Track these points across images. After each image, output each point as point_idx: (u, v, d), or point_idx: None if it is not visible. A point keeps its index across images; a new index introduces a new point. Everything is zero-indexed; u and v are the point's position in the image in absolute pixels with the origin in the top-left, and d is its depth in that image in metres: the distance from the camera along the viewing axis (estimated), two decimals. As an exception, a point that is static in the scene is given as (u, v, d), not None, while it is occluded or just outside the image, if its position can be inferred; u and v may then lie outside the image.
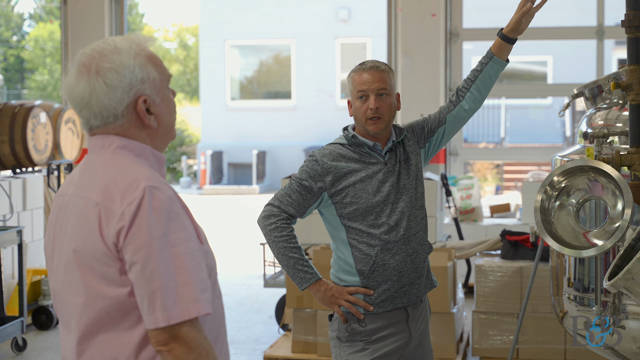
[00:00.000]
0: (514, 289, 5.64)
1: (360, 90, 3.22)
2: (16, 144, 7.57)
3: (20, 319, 6.23)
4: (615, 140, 3.86)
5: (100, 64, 2.04)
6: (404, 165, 3.28)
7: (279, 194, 3.26)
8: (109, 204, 1.98)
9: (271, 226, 3.21)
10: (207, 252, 2.08)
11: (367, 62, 3.27)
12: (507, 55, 3.35)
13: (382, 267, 3.20)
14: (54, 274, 2.13)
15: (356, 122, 3.29)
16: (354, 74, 3.26)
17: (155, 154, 2.13)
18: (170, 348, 1.93)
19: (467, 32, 9.19)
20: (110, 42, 2.08)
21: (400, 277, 3.22)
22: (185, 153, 24.58)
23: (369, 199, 3.19)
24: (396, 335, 3.23)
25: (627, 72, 3.52)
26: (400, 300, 3.24)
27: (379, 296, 3.21)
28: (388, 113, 3.23)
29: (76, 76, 2.06)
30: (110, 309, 1.99)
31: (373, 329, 3.22)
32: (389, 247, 3.20)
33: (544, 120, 19.74)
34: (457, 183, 8.46)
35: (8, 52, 30.82)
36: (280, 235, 3.20)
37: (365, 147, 3.26)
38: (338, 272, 3.29)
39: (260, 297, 8.15)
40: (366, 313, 3.21)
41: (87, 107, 2.06)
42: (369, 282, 3.21)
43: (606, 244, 3.10)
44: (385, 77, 3.22)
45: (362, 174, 3.21)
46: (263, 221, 3.25)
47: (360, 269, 3.20)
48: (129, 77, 2.05)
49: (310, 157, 3.27)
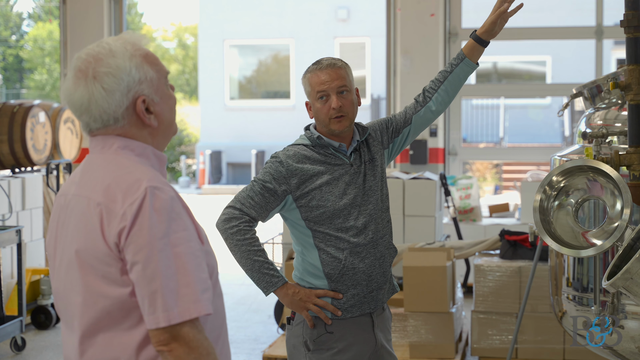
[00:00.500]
0: (512, 288, 5.64)
1: (320, 91, 3.10)
2: (15, 143, 7.56)
3: (19, 319, 6.23)
4: (614, 140, 3.86)
5: (96, 68, 2.04)
6: (369, 165, 3.20)
7: (240, 196, 3.11)
8: (111, 203, 1.98)
9: (233, 229, 3.07)
10: (208, 252, 2.08)
11: (322, 60, 3.14)
12: (479, 57, 3.29)
13: (352, 270, 3.10)
14: (56, 274, 2.13)
15: (318, 123, 3.17)
16: (310, 75, 3.14)
17: (157, 154, 2.13)
18: (171, 348, 1.93)
19: (466, 32, 9.18)
20: (104, 46, 2.07)
21: (370, 282, 3.13)
22: (184, 153, 24.58)
23: (336, 202, 3.08)
24: (363, 343, 3.13)
25: (625, 72, 3.52)
26: (368, 306, 3.14)
27: (347, 301, 3.11)
28: (351, 110, 3.13)
29: (73, 82, 2.06)
30: (111, 308, 1.99)
31: (340, 336, 3.11)
32: (358, 251, 3.11)
33: (543, 120, 19.74)
34: (456, 183, 8.47)
35: (7, 51, 30.81)
36: (243, 238, 3.07)
37: (330, 148, 3.15)
38: (304, 274, 3.17)
39: (259, 296, 8.15)
40: (334, 318, 3.11)
41: (87, 112, 2.06)
42: (337, 286, 3.10)
43: (605, 244, 3.10)
44: (343, 73, 3.12)
45: (327, 176, 3.11)
46: (223, 224, 3.10)
47: (328, 272, 3.10)
48: (127, 80, 2.05)
49: (273, 159, 3.14)
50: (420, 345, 5.52)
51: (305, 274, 3.16)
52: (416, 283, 5.48)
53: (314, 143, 3.16)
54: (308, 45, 20.98)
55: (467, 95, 10.04)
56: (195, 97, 28.18)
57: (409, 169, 8.77)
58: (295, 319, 3.17)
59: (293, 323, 3.17)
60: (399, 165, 8.91)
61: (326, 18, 20.98)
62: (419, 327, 5.52)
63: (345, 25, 21.00)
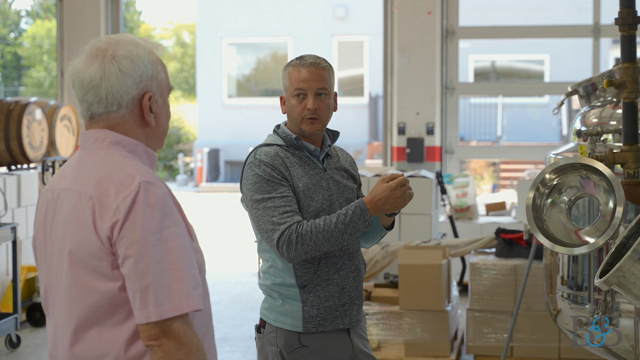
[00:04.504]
0: (508, 287, 5.64)
1: (298, 88, 2.94)
2: (11, 140, 7.56)
3: (14, 316, 6.23)
4: (608, 138, 3.86)
5: (117, 50, 2.07)
6: (344, 173, 3.07)
7: (267, 225, 2.83)
8: (103, 197, 1.99)
9: (299, 242, 2.80)
10: (197, 249, 2.09)
11: (306, 57, 2.99)
12: (390, 223, 3.07)
13: (326, 281, 2.94)
14: (45, 268, 2.13)
15: (290, 120, 3.01)
16: (291, 69, 2.97)
17: (148, 152, 2.14)
18: (160, 343, 1.93)
19: (463, 30, 9.19)
20: (128, 35, 2.13)
21: (342, 295, 2.97)
22: (182, 151, 24.56)
23: (317, 207, 2.93)
24: (339, 352, 2.99)
25: (620, 70, 3.52)
26: (342, 321, 2.97)
27: (319, 314, 2.93)
28: (325, 114, 2.98)
29: (88, 60, 2.07)
30: (100, 303, 1.99)
31: (316, 348, 2.96)
32: (334, 261, 2.95)
33: (540, 119, 19.74)
34: (453, 181, 8.46)
35: (5, 49, 30.78)
36: (311, 232, 2.82)
37: (305, 151, 3.00)
38: (274, 283, 2.97)
39: (256, 294, 8.15)
40: (307, 332, 2.93)
41: (94, 91, 2.06)
42: (309, 297, 2.92)
43: (598, 242, 3.10)
44: (325, 75, 2.96)
45: (305, 180, 2.94)
46: (288, 251, 2.81)
47: (301, 283, 2.92)
48: (142, 69, 2.08)
49: (257, 166, 2.90)
50: (416, 343, 5.52)
51: (276, 283, 2.97)
52: (412, 281, 5.47)
53: (288, 144, 3.00)
54: (306, 43, 20.96)
55: (464, 94, 10.03)
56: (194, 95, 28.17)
57: (405, 167, 8.77)
58: (267, 328, 2.99)
59: (264, 331, 3.00)
60: (396, 163, 8.91)
61: (324, 16, 20.97)
62: (415, 325, 5.52)
63: (343, 23, 20.99)
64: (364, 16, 20.60)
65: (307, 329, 2.94)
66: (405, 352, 5.53)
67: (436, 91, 8.86)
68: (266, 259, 3.02)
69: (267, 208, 2.85)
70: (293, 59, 3.01)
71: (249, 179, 2.92)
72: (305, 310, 2.94)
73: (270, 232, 2.84)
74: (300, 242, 2.81)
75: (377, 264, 5.93)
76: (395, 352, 5.52)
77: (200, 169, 21.07)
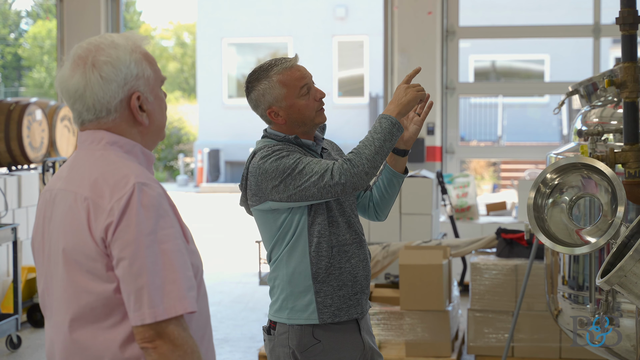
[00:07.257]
0: (509, 287, 5.64)
1: (304, 85, 2.94)
2: (11, 141, 7.56)
3: (15, 317, 6.22)
4: (609, 138, 3.85)
5: (96, 57, 2.04)
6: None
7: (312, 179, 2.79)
8: (98, 198, 1.98)
9: (352, 165, 2.78)
10: (193, 251, 2.08)
11: (284, 59, 2.97)
12: (404, 166, 3.16)
13: (339, 270, 2.95)
14: (42, 269, 2.13)
15: (299, 124, 2.97)
16: (280, 76, 2.92)
17: (145, 152, 2.13)
18: (155, 345, 1.92)
19: (464, 30, 9.18)
20: (107, 37, 2.09)
21: (355, 284, 2.98)
22: (182, 151, 24.56)
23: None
24: (352, 350, 2.99)
25: (621, 70, 3.51)
26: (355, 310, 2.98)
27: (333, 303, 2.94)
28: None
29: (71, 69, 2.06)
30: (95, 304, 1.99)
31: (329, 346, 2.95)
32: (345, 250, 2.96)
33: (541, 119, 19.75)
34: (453, 181, 8.46)
35: (5, 49, 30.79)
36: (354, 153, 2.81)
37: (304, 147, 2.99)
38: (285, 281, 2.95)
39: (256, 295, 8.14)
40: (322, 324, 2.94)
41: (81, 100, 2.05)
42: (322, 287, 2.93)
43: (599, 241, 3.09)
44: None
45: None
46: (350, 176, 2.77)
47: (315, 272, 2.92)
48: (125, 72, 2.05)
49: (267, 156, 2.88)
50: (417, 343, 5.51)
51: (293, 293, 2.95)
52: (412, 281, 5.47)
53: (288, 140, 2.98)
54: (306, 43, 20.96)
55: (465, 94, 10.02)
56: (194, 95, 28.17)
57: (406, 167, 8.75)
58: (278, 329, 2.98)
59: (275, 333, 2.98)
60: (396, 163, 8.89)
61: (324, 16, 20.97)
62: (415, 325, 5.51)
63: (343, 23, 20.98)
64: (364, 16, 20.59)
65: (323, 320, 2.93)
66: (406, 353, 5.52)
67: (436, 91, 8.85)
68: (275, 260, 3.00)
69: (301, 172, 2.81)
70: (273, 68, 2.94)
71: (267, 171, 2.86)
72: (319, 301, 2.93)
73: (320, 179, 2.78)
74: (353, 164, 2.78)
75: (378, 264, 5.93)
76: (396, 353, 5.52)
77: (200, 169, 21.06)
